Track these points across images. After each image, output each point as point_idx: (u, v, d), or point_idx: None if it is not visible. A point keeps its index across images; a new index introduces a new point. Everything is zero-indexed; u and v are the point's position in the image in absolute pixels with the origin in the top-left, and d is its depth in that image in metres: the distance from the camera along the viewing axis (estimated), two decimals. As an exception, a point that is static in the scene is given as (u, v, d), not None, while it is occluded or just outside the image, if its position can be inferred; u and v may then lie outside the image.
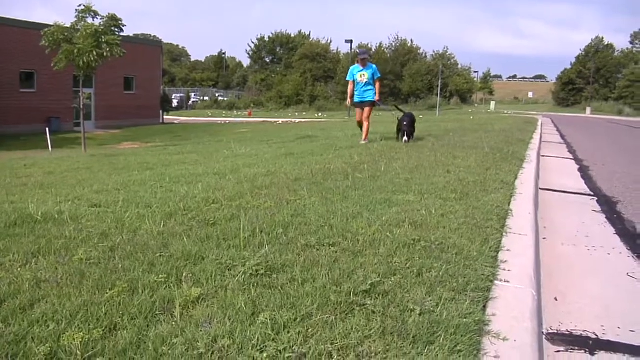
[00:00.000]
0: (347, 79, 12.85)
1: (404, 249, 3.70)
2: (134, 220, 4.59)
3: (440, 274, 3.25)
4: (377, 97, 12.48)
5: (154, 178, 7.68)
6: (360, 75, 12.42)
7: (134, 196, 5.90)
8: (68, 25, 21.45)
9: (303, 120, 46.06)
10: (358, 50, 13.00)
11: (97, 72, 23.47)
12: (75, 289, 3.00)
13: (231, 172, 7.73)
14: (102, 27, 21.46)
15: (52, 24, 21.40)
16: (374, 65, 12.71)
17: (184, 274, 3.16)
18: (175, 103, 70.93)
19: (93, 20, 21.55)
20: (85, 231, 4.25)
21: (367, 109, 12.59)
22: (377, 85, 12.53)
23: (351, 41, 58.19)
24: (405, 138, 12.28)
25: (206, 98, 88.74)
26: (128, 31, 25.25)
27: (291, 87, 79.90)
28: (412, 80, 77.00)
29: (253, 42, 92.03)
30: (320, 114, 59.81)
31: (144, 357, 2.26)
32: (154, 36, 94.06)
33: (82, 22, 21.34)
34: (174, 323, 2.59)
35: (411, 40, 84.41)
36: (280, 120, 47.10)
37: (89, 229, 4.31)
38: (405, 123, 12.43)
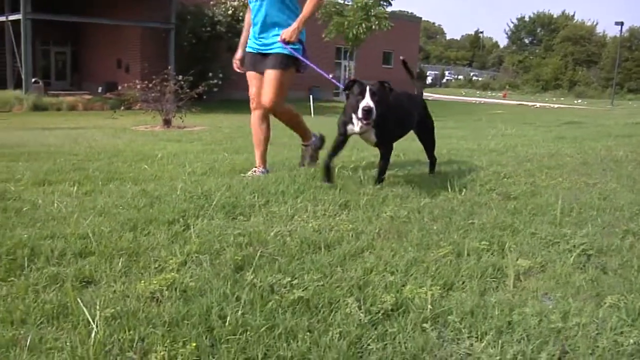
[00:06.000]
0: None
1: None
2: (437, 187, 4.55)
3: None
4: (286, 35, 4.84)
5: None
6: None
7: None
8: (340, -1, 22.50)
9: (562, 105, 43.58)
10: None
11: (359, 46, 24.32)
12: (397, 245, 3.00)
13: (507, 150, 7.42)
14: (371, 1, 22.15)
15: (325, -3, 22.58)
16: None
17: (507, 244, 3.02)
18: (429, 80, 71.55)
19: (364, -7, 22.34)
20: (388, 190, 4.29)
21: (269, 73, 5.03)
22: (308, 5, 4.98)
23: (622, 23, 53.51)
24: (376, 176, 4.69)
25: (460, 77, 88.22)
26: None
27: (550, 71, 76.46)
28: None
29: (512, 22, 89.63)
30: (579, 101, 56.14)
31: (491, 322, 2.14)
32: (412, 13, 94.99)
33: (353, -4, 22.25)
34: (509, 293, 2.46)
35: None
36: (537, 104, 45.05)
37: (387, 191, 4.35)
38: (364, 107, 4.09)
